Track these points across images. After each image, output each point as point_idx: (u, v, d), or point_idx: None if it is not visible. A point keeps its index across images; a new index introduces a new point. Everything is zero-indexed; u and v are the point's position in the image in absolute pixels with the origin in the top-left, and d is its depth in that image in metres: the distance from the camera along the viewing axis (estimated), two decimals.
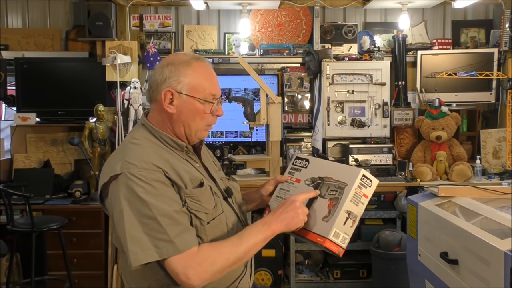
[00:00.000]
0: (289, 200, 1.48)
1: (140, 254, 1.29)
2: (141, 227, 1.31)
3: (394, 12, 4.48)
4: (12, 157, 4.24)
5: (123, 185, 1.35)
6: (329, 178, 1.54)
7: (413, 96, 4.39)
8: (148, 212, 1.32)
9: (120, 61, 3.93)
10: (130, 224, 1.31)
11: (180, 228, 1.34)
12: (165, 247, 1.30)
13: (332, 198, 1.49)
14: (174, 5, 4.47)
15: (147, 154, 1.42)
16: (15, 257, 3.63)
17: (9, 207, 3.30)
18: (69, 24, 4.42)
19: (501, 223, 2.07)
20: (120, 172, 1.36)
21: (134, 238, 1.30)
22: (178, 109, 1.48)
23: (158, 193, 1.35)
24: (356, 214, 1.48)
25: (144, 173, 1.36)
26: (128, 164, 1.37)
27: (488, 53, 4.26)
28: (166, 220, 1.32)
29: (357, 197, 1.49)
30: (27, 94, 4.13)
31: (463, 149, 4.10)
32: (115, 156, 1.47)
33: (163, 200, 1.35)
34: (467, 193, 2.62)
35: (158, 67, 1.50)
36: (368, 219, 3.89)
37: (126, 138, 1.52)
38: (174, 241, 1.31)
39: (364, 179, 1.51)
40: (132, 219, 1.32)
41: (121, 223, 1.33)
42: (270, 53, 4.38)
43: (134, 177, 1.34)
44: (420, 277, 2.64)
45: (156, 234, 1.31)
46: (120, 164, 1.38)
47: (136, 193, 1.33)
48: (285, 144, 4.20)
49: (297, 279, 3.90)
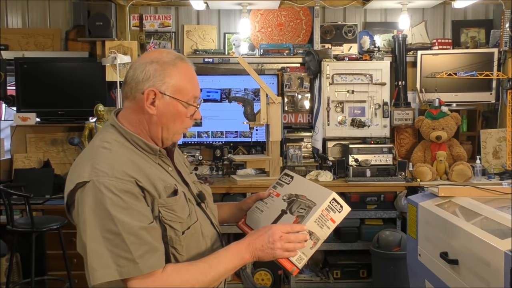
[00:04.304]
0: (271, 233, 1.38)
1: (100, 271, 1.22)
2: (104, 242, 1.22)
3: (394, 12, 4.48)
4: (12, 157, 4.24)
5: (90, 195, 1.24)
6: (302, 196, 1.54)
7: (413, 96, 4.39)
8: (113, 227, 1.22)
9: (120, 61, 3.93)
10: (93, 237, 1.22)
11: (145, 248, 1.25)
12: (126, 266, 1.22)
13: (298, 215, 1.47)
14: (174, 5, 4.47)
15: (119, 161, 1.31)
16: (15, 257, 3.63)
17: (9, 207, 3.30)
18: (69, 24, 4.42)
19: (501, 223, 2.07)
20: (88, 180, 1.25)
21: (96, 253, 1.22)
22: (159, 111, 1.38)
23: (126, 206, 1.24)
24: (318, 236, 1.44)
25: (114, 182, 1.25)
26: (98, 171, 1.26)
27: (488, 53, 4.26)
28: (131, 238, 1.22)
29: (322, 219, 1.45)
30: (27, 94, 4.13)
31: (463, 149, 4.10)
32: (82, 161, 1.32)
33: (131, 215, 1.24)
34: (467, 193, 2.61)
35: (140, 64, 1.38)
36: (368, 219, 3.89)
37: (96, 141, 1.38)
38: (138, 261, 1.22)
39: (334, 203, 1.48)
40: (96, 232, 1.22)
41: (83, 235, 1.24)
42: (270, 53, 4.38)
43: (103, 187, 1.23)
44: (420, 277, 2.64)
45: (119, 252, 1.22)
46: (88, 171, 1.27)
47: (103, 205, 1.22)
48: (285, 144, 4.20)
49: (297, 279, 3.90)
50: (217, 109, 4.28)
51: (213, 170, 4.25)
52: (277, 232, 1.37)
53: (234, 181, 3.88)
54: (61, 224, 3.38)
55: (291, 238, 1.39)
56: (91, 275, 1.22)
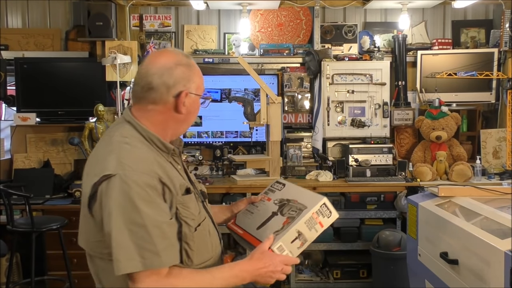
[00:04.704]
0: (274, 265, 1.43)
1: (123, 263, 1.24)
2: (129, 235, 1.25)
3: (394, 12, 4.48)
4: (12, 157, 4.24)
5: (116, 188, 1.26)
6: (294, 201, 1.63)
7: (413, 96, 4.39)
8: (139, 219, 1.25)
9: (120, 61, 3.93)
10: (119, 230, 1.25)
11: (167, 242, 1.29)
12: (150, 258, 1.25)
13: (289, 217, 1.55)
14: (174, 5, 4.47)
15: (143, 157, 1.35)
16: (15, 257, 3.62)
17: (9, 207, 3.30)
18: (69, 24, 4.42)
19: (501, 223, 2.07)
20: (115, 173, 1.28)
21: (121, 246, 1.24)
22: (187, 109, 1.45)
23: (151, 200, 1.28)
24: (306, 237, 1.51)
25: (141, 177, 1.28)
26: (124, 165, 1.29)
27: (488, 53, 4.26)
28: (155, 231, 1.26)
29: (312, 221, 1.52)
30: (27, 94, 4.13)
31: (463, 149, 4.10)
32: (105, 155, 1.34)
33: (155, 209, 1.28)
34: (467, 193, 2.62)
35: (164, 69, 1.40)
36: (368, 219, 3.88)
37: (114, 136, 1.39)
38: (161, 254, 1.26)
39: (324, 208, 1.55)
40: (121, 225, 1.25)
41: (107, 227, 1.26)
42: (270, 53, 4.38)
43: (130, 180, 1.26)
44: (420, 277, 2.64)
45: (144, 244, 1.25)
46: (114, 164, 1.29)
47: (130, 198, 1.25)
48: (285, 144, 4.20)
49: (297, 279, 3.90)
50: (217, 109, 4.28)
51: (213, 170, 4.25)
52: (279, 265, 1.44)
53: (234, 181, 3.88)
54: (61, 224, 3.38)
55: (288, 270, 1.47)
56: (116, 266, 1.25)
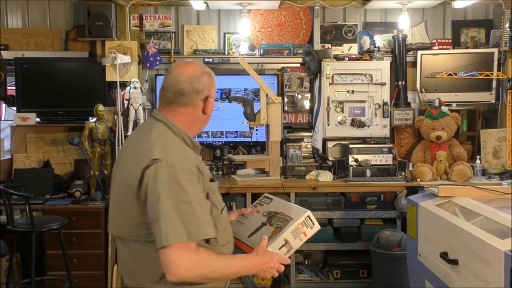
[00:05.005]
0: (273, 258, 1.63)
1: (171, 235, 1.39)
2: (175, 212, 1.41)
3: (394, 12, 4.48)
4: (12, 157, 4.24)
5: (163, 170, 1.44)
6: (281, 213, 1.82)
7: (413, 96, 4.39)
8: (184, 197, 1.43)
9: (120, 61, 3.93)
10: (166, 207, 1.41)
11: (207, 217, 1.49)
12: (194, 231, 1.42)
13: (277, 227, 1.76)
14: (174, 5, 4.47)
15: (182, 147, 1.58)
16: (15, 257, 3.63)
17: (9, 207, 3.30)
18: (69, 24, 4.42)
19: (501, 223, 2.07)
20: (161, 159, 1.46)
21: (169, 221, 1.40)
22: (209, 111, 1.68)
23: (193, 182, 1.48)
24: (292, 245, 1.72)
25: (183, 162, 1.49)
26: (168, 152, 1.49)
27: (488, 53, 4.26)
28: (198, 207, 1.45)
29: (297, 231, 1.74)
30: (27, 94, 4.13)
31: (463, 149, 4.10)
32: (148, 145, 1.52)
33: (196, 189, 1.48)
34: (467, 193, 2.62)
35: (193, 77, 1.62)
36: (368, 219, 3.89)
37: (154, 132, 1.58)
38: (203, 226, 1.45)
39: (308, 220, 1.76)
40: (169, 203, 1.41)
41: (156, 205, 1.42)
42: (270, 53, 4.38)
43: (175, 164, 1.46)
44: (420, 277, 2.64)
45: (189, 219, 1.42)
46: (159, 151, 1.48)
47: (175, 179, 1.44)
48: (285, 144, 4.20)
49: (297, 279, 3.90)
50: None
51: (213, 170, 4.25)
52: (277, 262, 1.63)
53: (234, 181, 3.88)
54: (61, 224, 3.38)
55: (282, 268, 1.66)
56: (164, 238, 1.39)
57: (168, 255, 1.39)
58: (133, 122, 3.95)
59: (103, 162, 4.06)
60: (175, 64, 1.71)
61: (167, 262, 1.40)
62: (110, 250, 3.73)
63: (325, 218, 3.89)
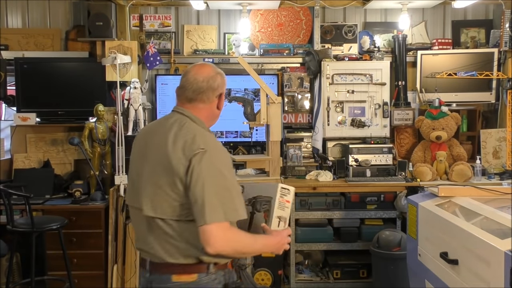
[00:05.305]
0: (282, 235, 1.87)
1: (211, 215, 1.61)
2: (216, 195, 1.64)
3: (394, 12, 4.48)
4: (12, 157, 4.24)
5: (208, 159, 1.66)
6: (259, 196, 1.95)
7: (413, 96, 4.39)
8: (224, 183, 1.67)
9: (120, 61, 3.93)
10: (209, 191, 1.63)
11: (241, 200, 1.72)
12: (230, 213, 1.65)
13: (265, 211, 1.92)
14: (174, 5, 4.47)
15: (215, 139, 1.83)
16: (15, 257, 3.62)
17: (9, 207, 3.29)
18: (69, 24, 4.42)
19: (501, 223, 2.07)
20: (206, 149, 1.67)
21: (210, 203, 1.62)
22: (222, 107, 1.91)
23: (230, 170, 1.74)
24: (285, 216, 1.94)
25: (222, 152, 1.75)
26: (210, 144, 1.72)
27: (488, 53, 4.26)
28: (234, 192, 1.69)
29: (281, 204, 1.93)
30: (27, 94, 4.13)
31: (463, 149, 4.10)
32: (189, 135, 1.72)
33: (232, 176, 1.74)
34: (467, 193, 2.62)
35: (209, 77, 1.83)
36: (368, 219, 3.89)
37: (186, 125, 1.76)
38: (237, 209, 1.68)
39: (283, 190, 1.94)
40: (211, 188, 1.64)
41: (201, 190, 1.63)
42: (270, 53, 4.38)
43: (218, 154, 1.72)
44: (420, 277, 2.64)
45: (227, 203, 1.65)
46: (203, 143, 1.70)
47: (217, 167, 1.68)
48: (285, 144, 4.20)
49: (297, 279, 3.90)
50: None
51: None
52: (286, 237, 1.88)
53: None
54: (61, 224, 3.38)
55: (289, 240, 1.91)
56: (207, 217, 1.61)
57: (208, 232, 1.61)
58: (133, 122, 3.94)
59: (103, 162, 4.06)
60: (190, 66, 1.88)
61: (207, 237, 1.61)
62: (110, 250, 3.72)
63: (325, 218, 3.89)
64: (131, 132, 3.92)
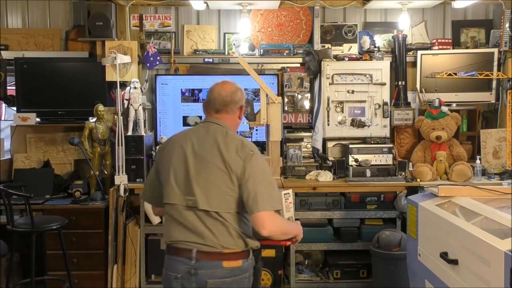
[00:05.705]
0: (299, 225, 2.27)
1: (262, 205, 1.96)
2: (264, 188, 1.99)
3: (394, 12, 4.48)
4: (12, 157, 4.24)
5: (256, 160, 2.04)
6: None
7: (413, 96, 4.39)
8: (269, 178, 2.05)
9: (120, 61, 3.93)
10: (260, 185, 1.99)
11: (280, 193, 2.13)
12: (275, 203, 2.02)
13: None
14: (174, 5, 4.47)
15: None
16: (15, 257, 3.63)
17: (9, 207, 3.29)
18: (69, 24, 4.42)
19: (501, 223, 2.08)
20: (254, 152, 2.05)
21: (262, 196, 1.97)
22: (242, 117, 2.27)
23: (269, 168, 2.14)
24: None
25: (262, 156, 2.14)
26: (254, 148, 2.09)
27: (488, 53, 4.26)
28: (275, 186, 2.07)
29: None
30: (27, 94, 4.13)
31: (463, 149, 4.10)
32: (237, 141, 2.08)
33: (271, 173, 2.12)
34: (467, 193, 2.62)
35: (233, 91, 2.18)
36: (368, 219, 3.88)
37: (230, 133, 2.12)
38: (279, 200, 2.08)
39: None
40: (260, 182, 2.00)
41: (254, 186, 1.98)
42: (270, 53, 4.38)
43: (260, 156, 2.08)
44: (420, 277, 2.65)
45: (272, 194, 2.02)
46: (251, 147, 2.08)
47: (264, 166, 2.07)
48: (285, 144, 4.20)
49: (297, 279, 3.90)
50: None
51: None
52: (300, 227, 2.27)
53: None
54: (61, 224, 3.38)
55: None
56: (260, 205, 1.96)
57: (261, 217, 1.96)
58: (133, 122, 3.94)
59: (103, 162, 4.06)
60: (214, 84, 2.20)
61: (261, 222, 1.96)
62: (110, 250, 3.73)
63: (325, 218, 3.89)
64: (131, 132, 3.92)
